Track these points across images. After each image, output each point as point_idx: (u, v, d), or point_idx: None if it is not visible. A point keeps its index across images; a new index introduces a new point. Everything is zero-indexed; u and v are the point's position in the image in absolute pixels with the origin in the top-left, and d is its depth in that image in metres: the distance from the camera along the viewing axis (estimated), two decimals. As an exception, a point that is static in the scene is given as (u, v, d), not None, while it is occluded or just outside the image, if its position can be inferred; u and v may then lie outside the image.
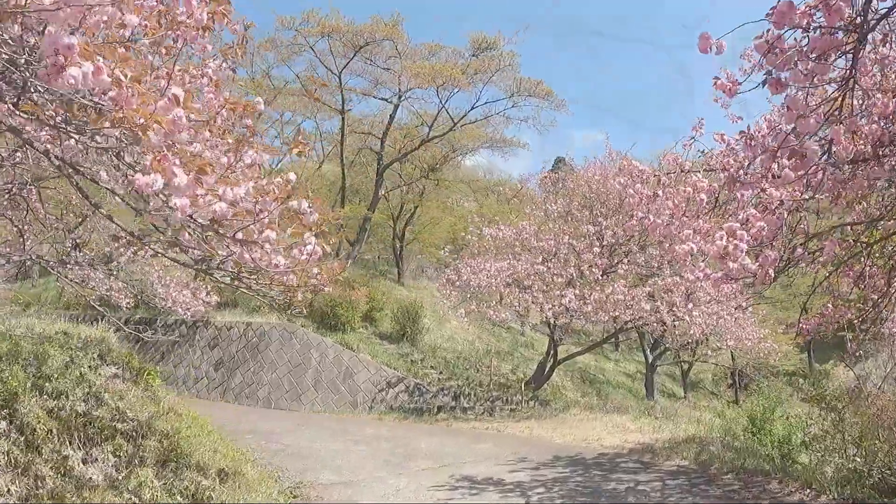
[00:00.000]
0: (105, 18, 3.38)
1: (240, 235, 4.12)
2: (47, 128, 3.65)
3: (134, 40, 3.50)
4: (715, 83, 3.52)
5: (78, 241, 12.61)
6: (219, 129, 4.70)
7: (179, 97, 2.86)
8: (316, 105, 29.83)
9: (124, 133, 3.20)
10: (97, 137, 3.29)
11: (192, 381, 21.58)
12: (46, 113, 3.81)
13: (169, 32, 3.49)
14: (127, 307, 16.17)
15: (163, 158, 3.28)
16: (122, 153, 4.51)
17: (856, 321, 8.32)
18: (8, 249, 11.08)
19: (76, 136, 3.28)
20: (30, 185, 8.68)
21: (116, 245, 12.52)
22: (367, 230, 30.96)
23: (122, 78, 2.70)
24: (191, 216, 4.08)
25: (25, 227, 10.20)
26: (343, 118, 29.69)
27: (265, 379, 20.47)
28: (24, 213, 9.88)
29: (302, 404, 19.45)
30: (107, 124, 2.92)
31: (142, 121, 2.73)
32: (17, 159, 7.50)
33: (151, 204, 3.26)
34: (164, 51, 4.42)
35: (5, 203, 9.25)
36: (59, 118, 3.50)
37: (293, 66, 29.30)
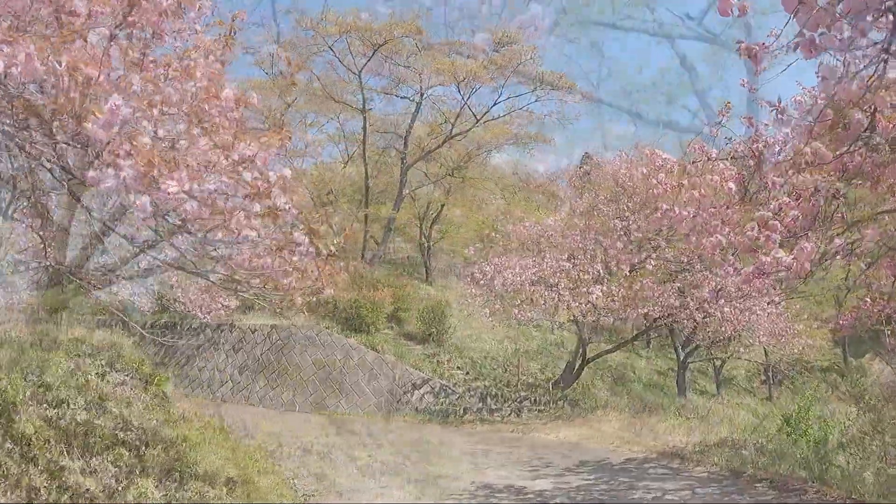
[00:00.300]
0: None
1: (219, 235, 3.82)
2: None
3: (91, 29, 3.22)
4: (738, 47, 3.10)
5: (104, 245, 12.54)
6: (214, 125, 4.43)
7: (121, 84, 2.56)
8: (339, 106, 29.69)
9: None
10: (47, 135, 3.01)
11: (217, 384, 21.51)
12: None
13: (129, 18, 3.19)
14: (150, 312, 16.17)
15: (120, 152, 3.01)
16: (101, 153, 4.26)
17: (894, 315, 7.79)
18: (28, 256, 11.04)
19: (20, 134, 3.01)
20: (48, 191, 8.57)
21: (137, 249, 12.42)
22: (392, 230, 30.70)
23: (57, 66, 2.41)
24: (164, 216, 3.81)
25: (46, 234, 10.13)
26: (365, 117, 29.49)
27: (289, 382, 20.30)
28: (44, 220, 9.81)
29: (326, 407, 19.23)
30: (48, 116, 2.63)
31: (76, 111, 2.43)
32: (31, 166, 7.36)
33: (110, 203, 2.98)
34: (142, 43, 4.17)
35: (25, 211, 9.19)
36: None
37: (313, 67, 29.16)
